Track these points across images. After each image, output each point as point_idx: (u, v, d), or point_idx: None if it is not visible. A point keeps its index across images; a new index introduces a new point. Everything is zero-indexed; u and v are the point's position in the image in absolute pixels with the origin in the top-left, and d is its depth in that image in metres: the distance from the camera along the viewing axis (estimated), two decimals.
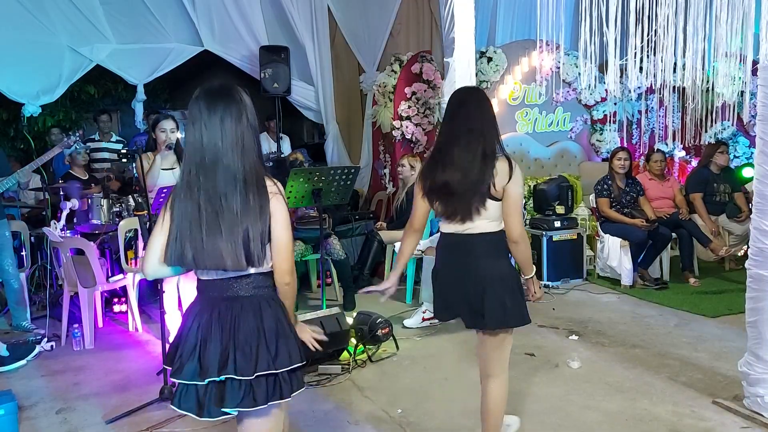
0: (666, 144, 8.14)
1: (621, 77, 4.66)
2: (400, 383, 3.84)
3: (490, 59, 7.51)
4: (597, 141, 8.32)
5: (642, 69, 4.02)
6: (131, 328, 5.04)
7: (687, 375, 3.80)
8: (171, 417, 3.34)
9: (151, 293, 5.51)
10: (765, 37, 2.99)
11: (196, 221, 1.93)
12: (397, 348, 4.34)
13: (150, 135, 4.45)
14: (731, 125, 7.82)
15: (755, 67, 3.44)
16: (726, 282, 5.87)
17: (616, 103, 8.22)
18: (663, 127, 8.20)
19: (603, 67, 5.22)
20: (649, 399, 3.50)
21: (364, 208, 7.55)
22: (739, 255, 6.11)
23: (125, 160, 4.05)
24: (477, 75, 6.76)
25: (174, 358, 2.03)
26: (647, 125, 8.24)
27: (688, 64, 3.97)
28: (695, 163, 7.55)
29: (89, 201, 5.37)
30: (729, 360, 3.86)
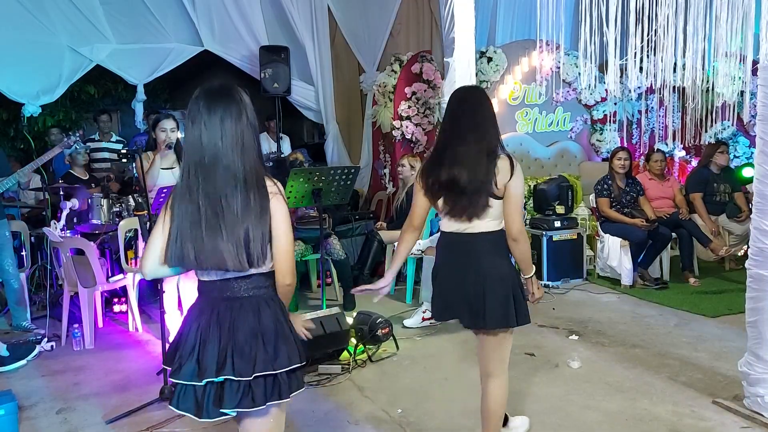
0: (666, 144, 8.14)
1: (621, 77, 4.67)
2: (400, 383, 3.84)
3: (490, 59, 7.52)
4: (597, 141, 8.33)
5: (642, 69, 4.03)
6: (131, 328, 5.04)
7: (687, 375, 3.80)
8: (171, 417, 3.34)
9: (151, 293, 5.51)
10: (765, 37, 2.99)
11: (196, 222, 1.93)
12: (397, 348, 4.34)
13: (150, 135, 4.45)
14: (731, 125, 7.82)
15: (755, 67, 3.44)
16: (726, 282, 5.87)
17: (616, 103, 8.22)
18: (663, 127, 8.20)
19: (603, 67, 5.23)
20: (649, 399, 3.49)
21: (364, 208, 7.55)
22: (739, 255, 6.11)
23: (125, 160, 4.05)
24: (477, 75, 6.76)
25: (173, 358, 2.03)
26: (647, 125, 8.25)
27: (688, 64, 3.98)
28: (695, 163, 7.55)
29: (89, 201, 5.37)
30: (729, 360, 3.86)
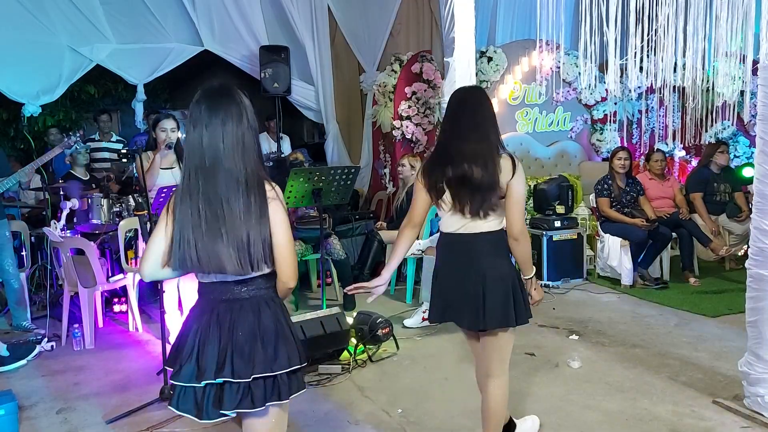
0: (666, 144, 8.13)
1: (621, 77, 4.67)
2: (400, 383, 3.84)
3: (490, 59, 7.51)
4: (597, 141, 8.32)
5: (642, 69, 4.03)
6: (131, 328, 5.04)
7: (687, 375, 3.80)
8: (171, 417, 3.34)
9: (151, 293, 5.51)
10: (765, 37, 2.99)
11: (197, 226, 1.92)
12: (397, 348, 4.34)
13: (150, 134, 4.46)
14: (731, 125, 7.81)
15: (755, 67, 3.44)
16: (726, 282, 5.87)
17: (616, 103, 8.22)
18: (663, 127, 8.19)
19: (603, 67, 5.22)
20: (650, 399, 3.49)
21: (364, 207, 7.55)
22: (740, 255, 6.11)
23: (125, 159, 4.06)
24: (477, 75, 6.76)
25: (174, 360, 2.03)
26: (647, 125, 8.24)
27: (688, 63, 3.98)
28: (695, 163, 7.55)
29: (89, 201, 5.37)
30: (729, 360, 3.86)
